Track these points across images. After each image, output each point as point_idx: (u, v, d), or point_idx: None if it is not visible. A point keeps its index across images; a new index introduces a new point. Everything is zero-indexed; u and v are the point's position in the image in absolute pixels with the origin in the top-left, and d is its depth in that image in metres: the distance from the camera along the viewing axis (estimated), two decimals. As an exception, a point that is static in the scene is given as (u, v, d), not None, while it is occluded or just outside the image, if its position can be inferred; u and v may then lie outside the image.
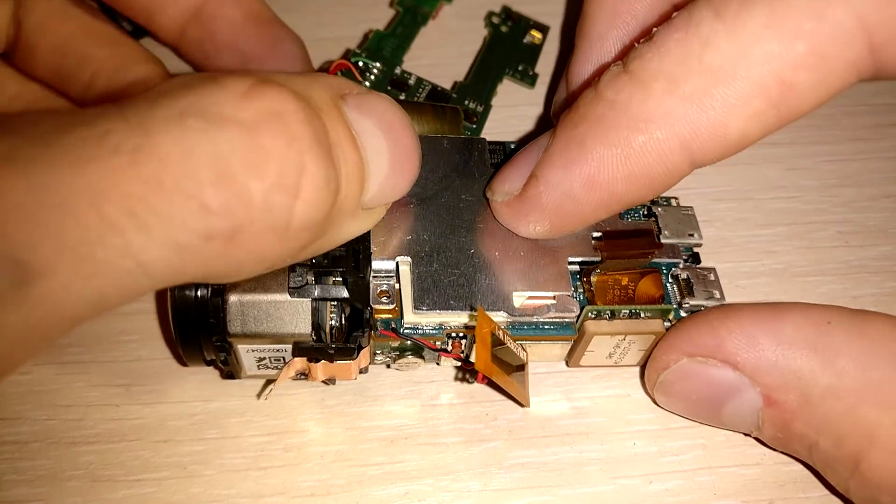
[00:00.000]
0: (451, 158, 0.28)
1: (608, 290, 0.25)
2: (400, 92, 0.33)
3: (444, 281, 0.24)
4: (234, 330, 0.23)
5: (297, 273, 0.23)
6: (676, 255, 0.27)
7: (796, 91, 0.20)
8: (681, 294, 0.26)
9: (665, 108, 0.20)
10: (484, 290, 0.24)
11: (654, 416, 0.27)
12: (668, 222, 0.27)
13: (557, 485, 0.25)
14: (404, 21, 0.36)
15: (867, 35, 0.19)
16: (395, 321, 0.24)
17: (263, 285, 0.23)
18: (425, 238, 0.25)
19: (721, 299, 0.26)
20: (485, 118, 0.34)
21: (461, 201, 0.26)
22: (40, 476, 0.25)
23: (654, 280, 0.25)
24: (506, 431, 0.26)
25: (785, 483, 0.25)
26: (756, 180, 0.34)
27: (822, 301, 0.30)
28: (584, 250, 0.26)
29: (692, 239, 0.27)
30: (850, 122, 0.37)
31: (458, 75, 0.36)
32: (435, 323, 0.24)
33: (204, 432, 0.26)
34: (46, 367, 0.27)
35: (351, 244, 0.24)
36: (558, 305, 0.24)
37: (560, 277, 0.25)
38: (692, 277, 0.26)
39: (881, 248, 0.32)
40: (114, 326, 0.28)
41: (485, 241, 0.25)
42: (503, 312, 0.24)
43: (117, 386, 0.27)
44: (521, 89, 0.37)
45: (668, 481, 0.25)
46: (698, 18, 0.20)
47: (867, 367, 0.21)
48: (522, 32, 0.38)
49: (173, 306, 0.23)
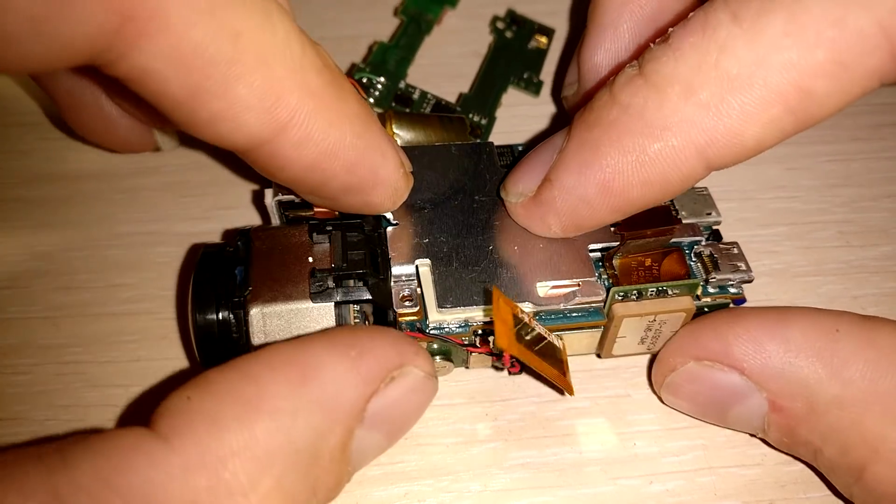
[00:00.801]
0: (460, 163, 0.28)
1: (632, 272, 0.25)
2: (404, 106, 0.33)
3: (465, 278, 0.24)
4: (258, 342, 0.23)
5: (318, 278, 0.23)
6: (697, 234, 0.26)
7: (815, 98, 0.20)
8: (706, 270, 0.26)
9: (681, 115, 0.20)
10: (506, 283, 0.24)
11: (655, 416, 0.27)
12: (685, 203, 0.27)
13: (558, 485, 0.25)
14: (408, 31, 0.36)
15: (889, 42, 0.18)
16: (420, 322, 0.24)
17: (284, 294, 0.23)
18: (442, 240, 0.25)
19: (747, 271, 0.25)
20: (489, 131, 0.34)
21: (475, 202, 0.26)
22: (39, 477, 0.25)
23: (677, 258, 0.25)
24: (506, 432, 0.26)
25: (786, 483, 0.25)
26: (756, 180, 0.34)
27: (822, 301, 0.30)
28: (604, 236, 0.26)
29: (710, 217, 0.27)
30: (851, 122, 0.37)
31: (462, 76, 0.36)
32: (460, 320, 0.24)
33: (203, 433, 0.26)
34: (46, 367, 0.27)
35: (368, 247, 0.24)
36: (584, 290, 0.24)
37: (582, 265, 0.25)
38: (715, 253, 0.26)
39: (882, 248, 0.32)
40: (113, 327, 0.28)
41: (503, 237, 0.25)
42: (529, 302, 0.24)
43: (117, 386, 0.27)
44: (525, 96, 0.37)
45: (668, 482, 0.25)
46: (715, 21, 0.20)
47: (875, 377, 0.21)
48: (527, 37, 0.38)
49: (196, 330, 0.23)
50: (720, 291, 0.26)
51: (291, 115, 0.20)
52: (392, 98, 0.34)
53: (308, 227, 0.25)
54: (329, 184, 0.22)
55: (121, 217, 0.31)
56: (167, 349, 0.28)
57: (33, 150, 0.33)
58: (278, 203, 0.26)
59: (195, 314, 0.23)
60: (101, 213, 0.31)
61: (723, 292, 0.26)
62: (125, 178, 0.32)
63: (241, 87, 0.19)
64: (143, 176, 0.32)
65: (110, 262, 0.30)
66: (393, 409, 0.21)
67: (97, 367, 0.27)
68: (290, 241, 0.24)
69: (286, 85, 0.20)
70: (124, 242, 0.30)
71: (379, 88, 0.34)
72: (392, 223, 0.26)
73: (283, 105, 0.20)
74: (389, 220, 0.26)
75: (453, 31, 0.39)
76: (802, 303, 0.30)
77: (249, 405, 0.18)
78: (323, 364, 0.19)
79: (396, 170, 0.24)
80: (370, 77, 0.33)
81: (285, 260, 0.24)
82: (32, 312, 0.28)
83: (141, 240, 0.30)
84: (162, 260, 0.30)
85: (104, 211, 0.31)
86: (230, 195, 0.32)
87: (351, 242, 0.24)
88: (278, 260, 0.24)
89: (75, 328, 0.28)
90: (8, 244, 0.30)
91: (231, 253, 0.24)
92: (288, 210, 0.26)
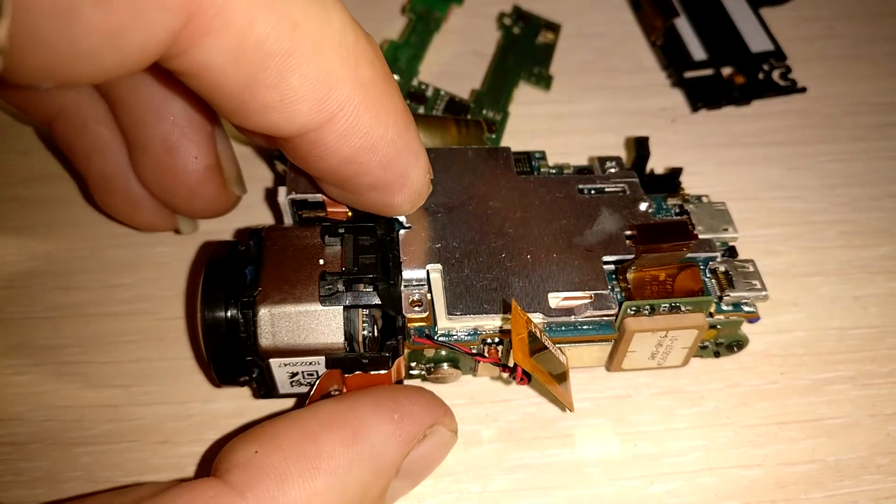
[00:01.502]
0: (476, 168, 0.27)
1: (646, 286, 0.25)
2: (419, 105, 0.33)
3: (476, 285, 0.24)
4: (265, 343, 0.23)
5: (328, 281, 0.23)
6: (713, 249, 0.26)
7: None
8: (720, 287, 0.26)
9: None
10: (518, 292, 0.24)
11: (656, 416, 0.27)
12: (702, 218, 0.27)
13: (558, 486, 0.25)
14: (417, 29, 0.36)
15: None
16: (428, 329, 0.24)
17: (294, 296, 0.23)
18: (455, 245, 0.25)
19: (762, 290, 0.25)
20: (503, 126, 0.34)
21: (489, 208, 0.26)
22: (38, 477, 0.25)
23: (692, 274, 0.25)
24: (506, 433, 0.26)
25: (787, 484, 0.25)
26: (758, 180, 0.34)
27: (823, 301, 0.30)
28: (619, 248, 0.25)
29: (727, 233, 0.27)
30: (852, 122, 0.36)
31: (469, 73, 0.36)
32: (469, 327, 0.24)
33: (203, 433, 0.26)
34: (45, 367, 0.27)
35: (380, 251, 0.24)
36: (596, 303, 0.24)
37: (595, 276, 0.24)
38: (731, 270, 0.26)
39: (883, 248, 0.32)
40: (113, 327, 0.28)
41: (516, 245, 0.25)
42: (539, 313, 0.24)
43: (116, 387, 0.27)
44: (537, 92, 0.37)
45: (669, 482, 0.25)
46: None
47: None
48: (534, 33, 0.38)
49: (204, 327, 0.23)
50: (734, 309, 0.25)
51: (342, 106, 0.20)
52: (406, 96, 0.34)
53: (320, 229, 0.25)
54: (360, 178, 0.22)
55: (120, 217, 0.31)
56: (167, 349, 0.28)
57: (33, 150, 0.33)
58: (291, 201, 0.25)
59: (204, 311, 0.23)
60: (101, 212, 0.31)
61: (736, 310, 0.25)
62: (125, 178, 0.32)
63: (296, 78, 0.19)
64: (142, 176, 0.32)
65: (110, 262, 0.30)
66: (422, 461, 0.23)
67: (97, 367, 0.27)
68: (301, 243, 0.24)
69: (339, 76, 0.19)
70: (124, 242, 0.30)
71: None
72: (405, 226, 0.25)
73: (335, 96, 0.19)
74: (402, 223, 0.25)
75: (459, 30, 0.39)
76: (803, 303, 0.30)
77: (310, 462, 0.20)
78: (370, 426, 0.21)
79: (424, 174, 0.24)
80: None
81: (296, 261, 0.24)
82: (32, 312, 0.28)
83: (140, 240, 0.30)
84: (161, 260, 0.30)
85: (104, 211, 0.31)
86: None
87: (362, 246, 0.24)
88: (289, 261, 0.24)
89: (75, 328, 0.28)
90: (8, 244, 0.30)
91: (242, 251, 0.24)
92: (301, 209, 0.26)
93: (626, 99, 0.37)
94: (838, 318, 0.30)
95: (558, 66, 0.38)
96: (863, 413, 0.27)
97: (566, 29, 0.39)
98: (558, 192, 0.27)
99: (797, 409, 0.27)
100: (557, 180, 0.28)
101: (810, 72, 0.38)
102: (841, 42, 0.40)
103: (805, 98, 0.37)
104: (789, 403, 0.27)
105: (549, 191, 0.27)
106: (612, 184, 0.27)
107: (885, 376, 0.28)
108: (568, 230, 0.26)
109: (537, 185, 0.27)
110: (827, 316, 0.30)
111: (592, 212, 0.26)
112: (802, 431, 0.27)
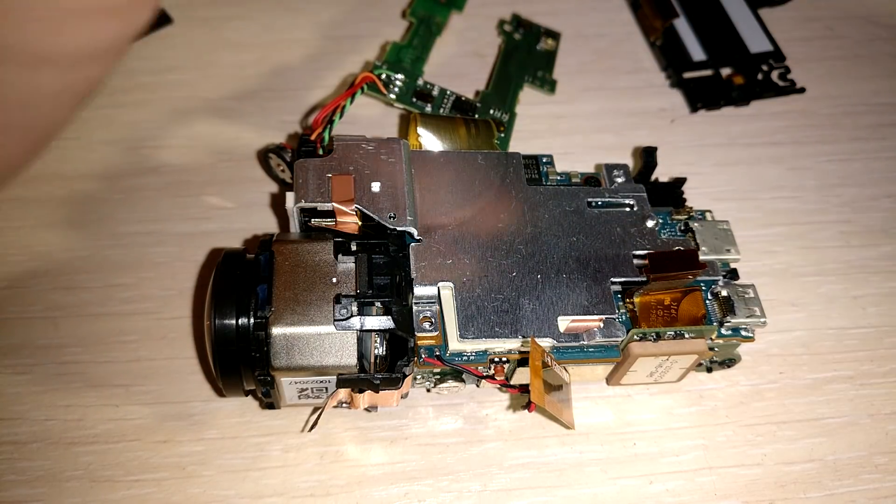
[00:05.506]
0: (486, 175, 0.27)
1: (651, 310, 0.25)
2: (425, 103, 0.34)
3: (487, 307, 0.24)
4: (279, 364, 0.23)
5: (343, 305, 0.23)
6: (715, 273, 0.26)
7: None
8: (721, 312, 0.26)
9: None
10: (528, 315, 0.24)
11: (655, 416, 0.27)
12: (706, 238, 0.27)
13: (558, 485, 0.25)
14: (419, 32, 0.37)
15: None
16: (438, 347, 0.24)
17: (308, 317, 0.23)
18: (466, 262, 0.25)
19: (761, 317, 0.25)
20: (511, 126, 0.35)
21: (499, 221, 0.26)
22: (39, 476, 0.25)
23: (695, 299, 0.25)
24: (506, 432, 0.26)
25: (786, 483, 0.25)
26: (757, 180, 0.34)
27: (822, 301, 0.30)
28: (627, 270, 0.25)
29: (730, 254, 0.27)
30: (851, 122, 0.37)
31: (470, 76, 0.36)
32: (480, 349, 0.24)
33: (203, 433, 0.26)
34: (45, 367, 0.27)
35: (393, 271, 0.24)
36: (604, 331, 0.24)
37: (604, 299, 0.25)
38: (732, 295, 0.26)
39: (882, 248, 0.32)
40: (113, 327, 0.28)
41: (526, 264, 0.25)
42: (550, 339, 0.24)
43: (116, 386, 0.27)
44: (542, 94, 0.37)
45: (668, 482, 0.25)
46: None
47: None
48: (535, 40, 0.38)
49: (213, 338, 0.22)
50: (733, 334, 0.26)
51: None
52: (412, 94, 0.34)
53: (333, 246, 0.24)
54: None
55: (120, 217, 0.31)
56: (167, 348, 0.28)
57: (33, 150, 0.33)
58: (300, 209, 0.25)
59: (214, 328, 0.22)
60: (101, 213, 0.31)
61: (735, 335, 0.26)
62: (125, 178, 0.32)
63: None
64: (142, 176, 0.32)
65: (110, 262, 0.30)
66: None
67: (97, 367, 0.27)
68: (313, 259, 0.24)
69: None
70: (124, 242, 0.30)
71: (398, 85, 0.34)
72: (416, 239, 0.25)
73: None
74: (414, 235, 0.25)
75: (459, 31, 0.39)
76: (803, 302, 0.30)
77: None
78: None
79: None
80: (389, 73, 0.34)
81: (309, 280, 0.23)
82: (32, 312, 0.28)
83: (140, 240, 0.30)
84: (161, 260, 0.30)
85: (104, 211, 0.31)
86: (229, 195, 0.32)
87: (376, 265, 0.24)
88: (301, 279, 0.23)
89: (75, 328, 0.28)
90: (8, 244, 0.30)
91: (251, 263, 0.24)
92: (308, 217, 0.25)
93: (625, 99, 0.37)
94: (837, 317, 0.30)
95: (558, 66, 0.38)
96: (861, 412, 0.27)
97: (566, 29, 0.39)
98: (568, 206, 0.27)
99: (796, 409, 0.27)
100: (567, 192, 0.27)
101: (809, 72, 0.38)
102: (840, 42, 0.40)
103: (804, 98, 0.37)
104: (788, 403, 0.27)
105: (558, 204, 0.27)
106: (621, 197, 0.27)
107: (884, 376, 0.28)
108: (578, 248, 0.26)
109: (547, 198, 0.27)
110: (826, 316, 0.30)
111: (602, 228, 0.26)
112: (801, 431, 0.27)
